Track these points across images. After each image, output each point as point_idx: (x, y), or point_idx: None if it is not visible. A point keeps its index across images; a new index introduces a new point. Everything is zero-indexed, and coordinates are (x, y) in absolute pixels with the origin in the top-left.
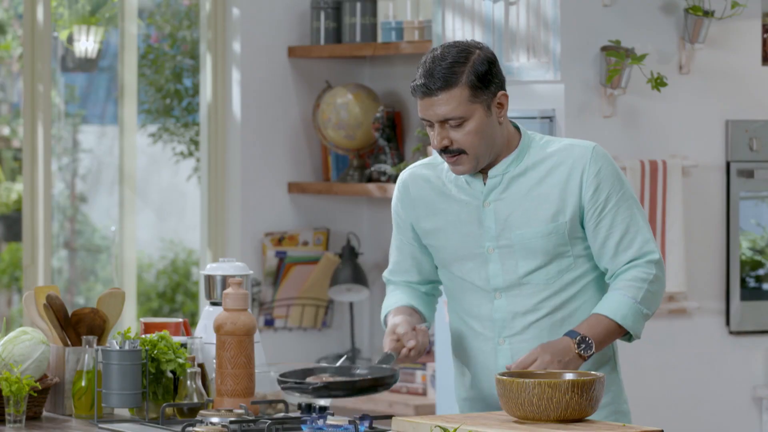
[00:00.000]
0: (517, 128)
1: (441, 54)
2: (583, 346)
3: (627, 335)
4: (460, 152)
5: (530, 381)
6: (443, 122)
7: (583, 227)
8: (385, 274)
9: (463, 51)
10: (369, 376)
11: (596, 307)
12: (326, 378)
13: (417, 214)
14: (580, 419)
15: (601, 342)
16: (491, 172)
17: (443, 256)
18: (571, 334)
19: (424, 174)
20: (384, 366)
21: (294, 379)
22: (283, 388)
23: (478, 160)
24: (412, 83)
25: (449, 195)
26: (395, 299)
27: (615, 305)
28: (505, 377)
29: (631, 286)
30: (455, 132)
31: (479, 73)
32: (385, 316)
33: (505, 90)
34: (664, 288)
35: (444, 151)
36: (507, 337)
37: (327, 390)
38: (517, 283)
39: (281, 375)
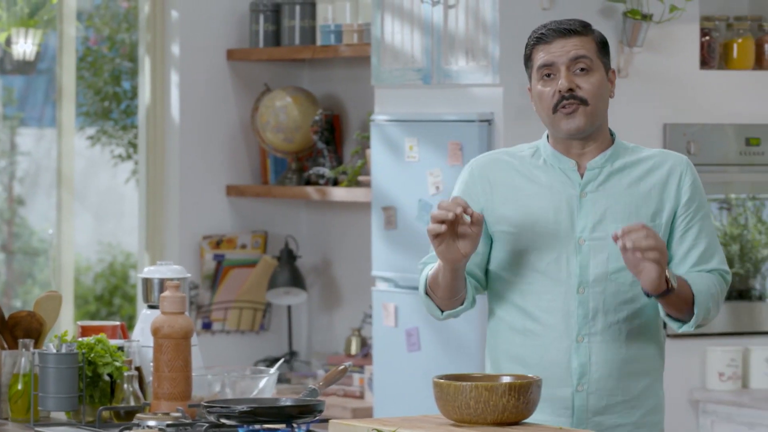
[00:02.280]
0: (610, 131)
1: (562, 19)
2: (670, 275)
3: (679, 321)
4: (582, 101)
5: (467, 384)
6: (570, 66)
7: (669, 233)
8: (426, 260)
9: (584, 21)
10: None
11: (683, 275)
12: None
13: (493, 199)
14: (516, 422)
15: (677, 295)
16: (590, 164)
17: (522, 244)
18: None
19: (505, 160)
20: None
21: (220, 404)
22: (209, 413)
23: (591, 119)
24: (537, 33)
25: (537, 181)
26: (436, 265)
27: (695, 281)
28: (442, 380)
29: (711, 280)
30: (581, 79)
31: (603, 38)
32: (427, 277)
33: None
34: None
35: (566, 97)
36: (586, 335)
37: (254, 415)
38: (605, 278)
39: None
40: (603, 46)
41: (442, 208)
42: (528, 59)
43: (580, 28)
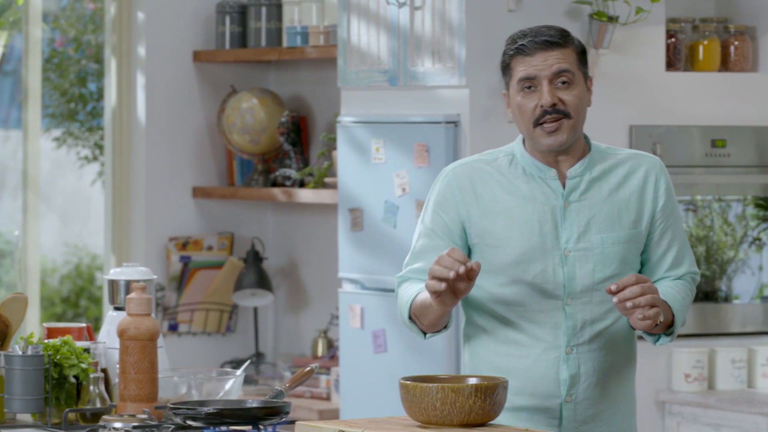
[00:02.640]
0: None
1: (541, 27)
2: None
3: (655, 335)
4: (565, 115)
5: (434, 386)
6: (552, 80)
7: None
8: (403, 273)
9: (563, 29)
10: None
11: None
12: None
13: (473, 210)
14: (483, 424)
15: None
16: (570, 173)
17: (507, 257)
18: None
19: (485, 170)
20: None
21: (186, 406)
22: (175, 415)
23: (574, 131)
24: (517, 44)
25: (518, 192)
26: (417, 287)
27: (672, 296)
28: (408, 381)
29: (683, 289)
30: (563, 93)
31: (582, 47)
32: (411, 302)
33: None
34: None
35: (549, 112)
36: (575, 346)
37: (220, 417)
38: (591, 289)
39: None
40: (582, 55)
41: (443, 266)
42: (506, 67)
43: (561, 40)
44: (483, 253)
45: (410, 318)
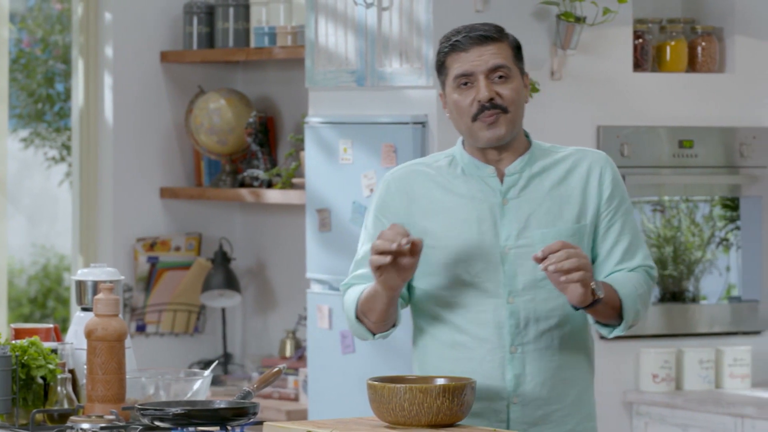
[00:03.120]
0: (524, 132)
1: (475, 24)
2: (594, 287)
3: (609, 326)
4: (503, 110)
5: (401, 386)
6: (489, 74)
7: (593, 230)
8: (347, 281)
9: (497, 25)
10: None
11: (608, 280)
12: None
13: (413, 213)
14: (451, 424)
15: (605, 303)
16: (509, 170)
17: (446, 257)
18: None
19: (423, 171)
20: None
21: (154, 407)
22: (143, 415)
23: (512, 125)
24: (452, 40)
25: (456, 192)
26: (362, 287)
27: (621, 282)
28: (376, 382)
29: (636, 279)
30: (500, 87)
31: (517, 43)
32: (358, 299)
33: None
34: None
35: (487, 107)
36: (519, 345)
37: (187, 418)
38: (534, 286)
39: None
40: (518, 50)
41: (385, 239)
42: (441, 66)
43: (496, 34)
44: (424, 255)
45: (357, 318)
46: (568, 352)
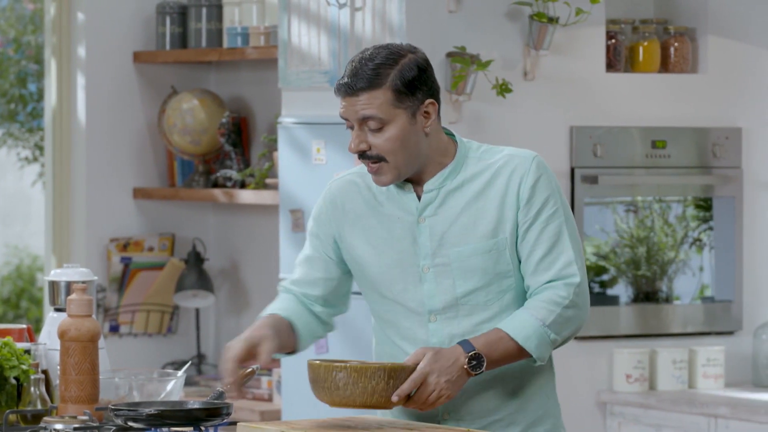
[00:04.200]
0: (452, 138)
1: (370, 55)
2: (474, 363)
3: (531, 358)
4: (380, 159)
5: (338, 365)
6: (362, 124)
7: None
8: (284, 283)
9: (393, 54)
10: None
11: (501, 323)
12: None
13: (343, 226)
14: (387, 408)
15: (496, 361)
16: (426, 186)
17: (370, 275)
18: (465, 345)
19: (357, 183)
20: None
21: (128, 407)
22: (116, 416)
23: (400, 171)
24: (337, 82)
25: (380, 209)
26: (278, 305)
27: (520, 325)
28: (315, 361)
29: (542, 307)
30: (374, 137)
31: (406, 79)
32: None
33: (435, 99)
34: (583, 314)
35: (362, 156)
36: None
37: (161, 418)
38: (454, 304)
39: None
40: (401, 92)
41: (222, 368)
42: None
43: (366, 84)
44: (354, 269)
45: None
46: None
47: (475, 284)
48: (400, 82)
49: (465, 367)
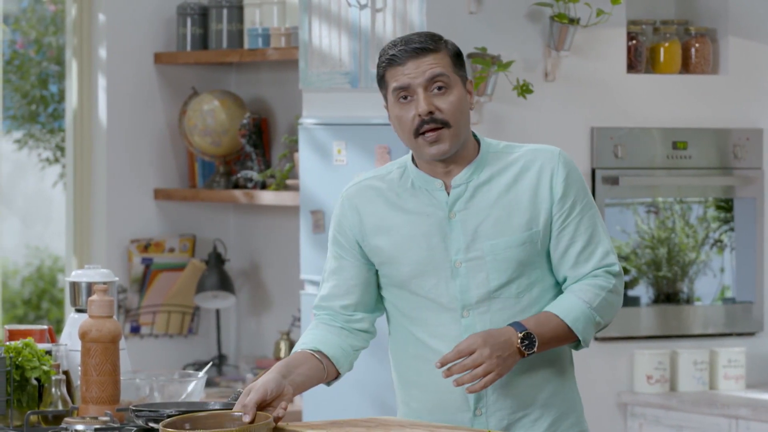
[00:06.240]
0: (474, 136)
1: (410, 35)
2: (527, 342)
3: (575, 342)
4: (443, 124)
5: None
6: (428, 87)
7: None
8: (316, 302)
9: (433, 33)
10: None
11: (549, 305)
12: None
13: (365, 230)
14: None
15: (546, 343)
16: (454, 182)
17: (399, 274)
18: (516, 326)
19: (375, 186)
20: None
21: (149, 409)
22: (137, 417)
23: (457, 139)
24: (388, 54)
25: (405, 208)
26: (309, 338)
27: (568, 306)
28: (168, 428)
29: (589, 291)
30: (440, 100)
31: (456, 49)
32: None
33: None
34: (621, 301)
35: (427, 121)
36: None
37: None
38: (488, 298)
39: (134, 406)
40: (457, 57)
41: (239, 405)
42: (381, 80)
43: (432, 45)
44: (382, 269)
45: None
46: (531, 358)
47: (508, 276)
48: (455, 51)
49: (518, 345)
